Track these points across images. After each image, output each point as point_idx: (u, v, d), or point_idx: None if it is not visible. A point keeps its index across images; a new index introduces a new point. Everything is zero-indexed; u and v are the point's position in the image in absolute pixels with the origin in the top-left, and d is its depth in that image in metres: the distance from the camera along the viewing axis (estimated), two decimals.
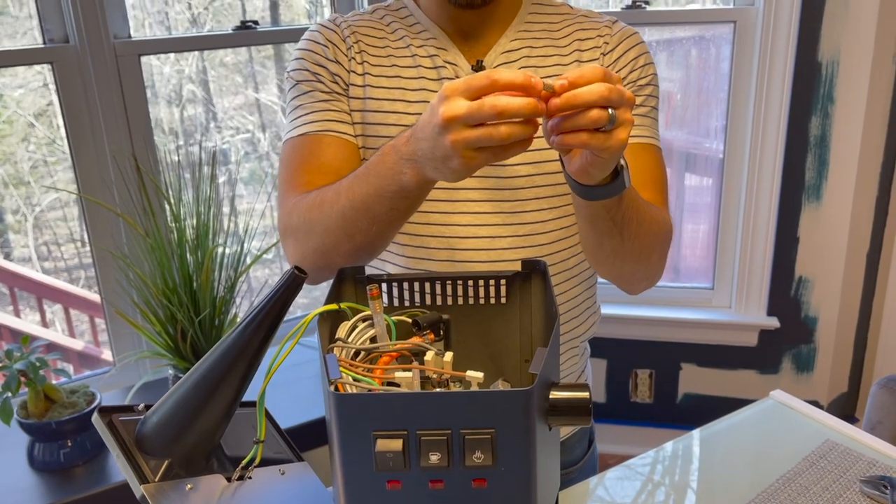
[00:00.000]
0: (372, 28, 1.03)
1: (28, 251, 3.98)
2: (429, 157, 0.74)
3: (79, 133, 1.64)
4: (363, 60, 1.01)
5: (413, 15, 1.04)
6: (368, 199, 0.84)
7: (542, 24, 1.04)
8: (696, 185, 2.49)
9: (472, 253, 1.00)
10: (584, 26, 1.04)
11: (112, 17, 1.64)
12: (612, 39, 1.03)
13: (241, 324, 0.65)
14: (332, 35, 1.01)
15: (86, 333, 3.53)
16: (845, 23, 1.95)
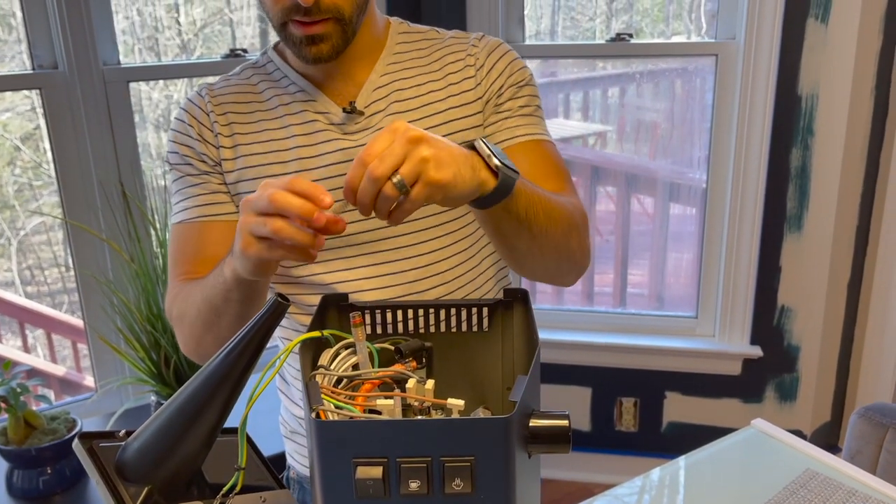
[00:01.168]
0: (240, 93, 1.02)
1: (11, 275, 3.95)
2: (237, 249, 0.77)
3: (65, 158, 1.65)
4: (232, 132, 1.00)
5: (280, 69, 1.02)
6: (209, 293, 0.88)
7: (411, 54, 1.03)
8: (679, 215, 2.52)
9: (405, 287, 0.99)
10: (452, 48, 1.04)
11: (101, 43, 1.65)
12: (481, 54, 1.03)
13: (224, 350, 0.65)
14: (197, 111, 1.00)
15: (68, 359, 3.50)
16: (824, 57, 2.00)
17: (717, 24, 2.11)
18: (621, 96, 2.55)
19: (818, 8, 1.97)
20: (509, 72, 1.02)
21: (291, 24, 0.91)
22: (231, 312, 0.87)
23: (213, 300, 0.87)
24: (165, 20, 2.78)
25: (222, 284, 0.84)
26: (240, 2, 2.83)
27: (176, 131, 1.01)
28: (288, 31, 0.92)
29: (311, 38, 0.91)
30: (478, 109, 1.01)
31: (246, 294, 0.85)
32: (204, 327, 0.91)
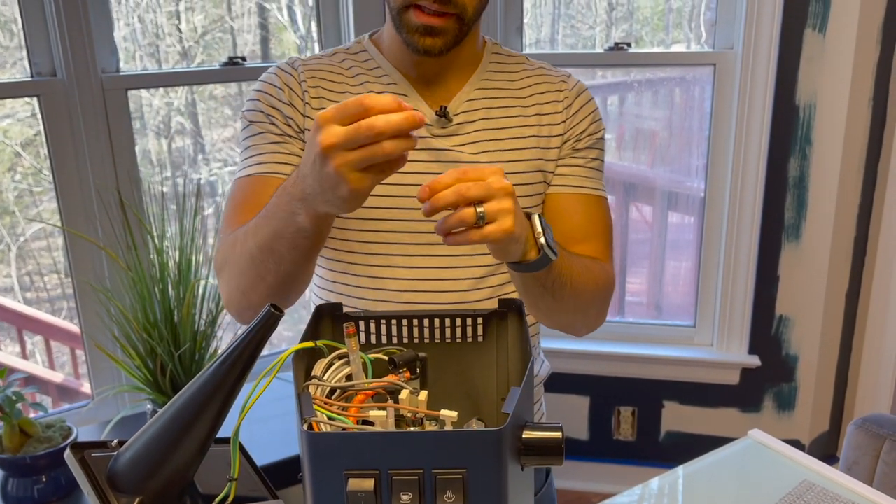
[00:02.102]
0: (331, 72, 1.03)
1: (10, 281, 3.95)
2: (318, 191, 0.74)
3: (63, 166, 1.65)
4: (322, 106, 1.00)
5: (374, 59, 1.04)
6: (271, 241, 0.85)
7: (503, 76, 1.06)
8: (678, 223, 2.52)
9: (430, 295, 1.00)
10: (542, 79, 1.07)
11: (100, 51, 1.65)
12: (571, 94, 1.06)
13: (217, 360, 0.65)
14: (289, 79, 1.02)
15: (66, 365, 3.49)
16: (822, 67, 2.00)
17: (716, 34, 2.12)
18: (620, 104, 2.55)
19: (816, 18, 1.97)
20: (592, 120, 1.07)
21: (414, 11, 0.92)
22: (294, 259, 0.85)
23: (276, 248, 0.85)
24: (166, 27, 2.79)
25: (294, 233, 0.82)
26: (241, 9, 2.84)
27: (264, 92, 1.01)
28: (407, 17, 0.93)
29: (429, 29, 0.93)
30: (557, 145, 1.05)
31: (318, 236, 0.84)
32: (257, 277, 0.89)
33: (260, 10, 2.74)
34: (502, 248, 0.77)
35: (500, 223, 0.73)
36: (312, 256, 0.87)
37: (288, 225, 0.82)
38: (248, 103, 1.03)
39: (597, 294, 0.96)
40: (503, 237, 0.73)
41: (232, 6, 2.80)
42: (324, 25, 2.04)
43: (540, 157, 1.03)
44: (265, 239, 0.85)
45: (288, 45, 3.03)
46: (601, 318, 1.02)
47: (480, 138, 1.01)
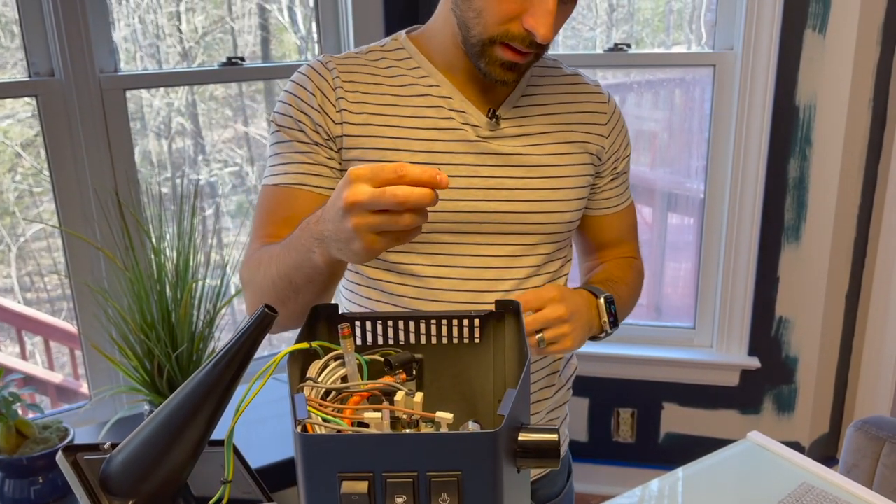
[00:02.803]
0: (368, 73, 1.00)
1: (10, 282, 3.95)
2: (333, 237, 0.76)
3: (61, 166, 1.64)
4: (363, 111, 0.98)
5: (413, 59, 1.01)
6: (289, 272, 0.87)
7: (546, 80, 1.07)
8: (677, 224, 2.52)
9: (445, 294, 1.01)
10: (580, 88, 1.09)
11: (98, 51, 1.65)
12: (609, 111, 1.10)
13: (211, 362, 0.64)
14: (322, 82, 0.98)
15: (66, 366, 3.49)
16: (822, 68, 2.00)
17: (715, 35, 2.11)
18: (621, 105, 2.55)
19: (816, 19, 1.97)
20: (627, 140, 1.14)
21: (501, 46, 0.92)
22: (312, 291, 0.88)
23: (294, 280, 0.88)
24: (167, 28, 2.79)
25: (310, 269, 0.85)
26: (241, 10, 2.84)
27: (294, 95, 0.99)
28: (492, 50, 0.93)
29: (513, 66, 0.93)
30: (598, 161, 1.08)
31: (333, 274, 0.87)
32: (279, 301, 0.91)
33: (260, 10, 2.74)
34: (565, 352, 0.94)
35: (560, 345, 0.91)
36: (329, 289, 0.91)
37: (304, 260, 0.84)
38: (279, 105, 1.01)
39: (637, 297, 1.13)
40: (564, 352, 0.93)
41: (232, 7, 2.80)
42: (323, 26, 2.04)
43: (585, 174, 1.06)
44: (285, 269, 0.88)
45: (288, 45, 3.03)
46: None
47: (526, 143, 1.02)
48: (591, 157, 1.06)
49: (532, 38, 0.89)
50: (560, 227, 1.04)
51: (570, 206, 1.04)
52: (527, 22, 0.89)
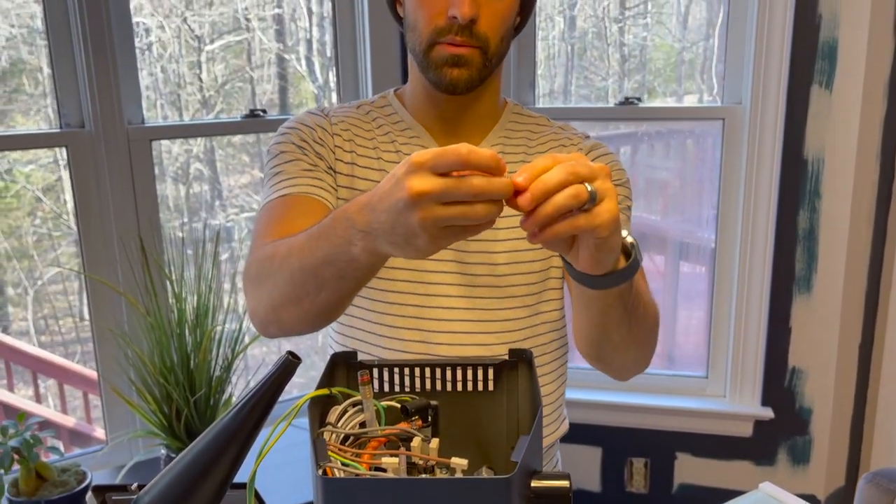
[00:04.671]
0: (358, 124, 1.08)
1: (26, 324, 3.99)
2: (387, 231, 0.68)
3: (87, 213, 1.70)
4: (352, 150, 1.05)
5: (398, 113, 1.09)
6: (317, 265, 0.79)
7: (521, 134, 1.10)
8: (689, 273, 2.53)
9: (445, 347, 1.03)
10: (560, 138, 1.11)
11: (127, 103, 1.72)
12: (585, 148, 1.10)
13: (236, 406, 0.67)
14: (321, 121, 1.06)
15: (78, 410, 3.50)
16: (829, 123, 2.04)
17: (724, 89, 2.16)
18: (633, 155, 2.59)
19: (822, 75, 2.02)
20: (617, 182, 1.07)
21: (439, 46, 0.97)
22: (339, 288, 0.81)
23: (321, 274, 0.80)
24: (188, 77, 2.87)
25: (346, 263, 0.76)
26: (260, 60, 2.92)
27: (295, 129, 1.04)
28: (434, 53, 0.98)
29: (455, 59, 0.96)
30: None
31: (369, 272, 0.79)
32: (294, 297, 0.84)
33: (279, 60, 2.81)
34: (605, 246, 0.69)
35: (609, 204, 0.65)
36: (355, 291, 0.83)
37: (341, 252, 0.76)
38: (278, 138, 1.05)
39: (656, 317, 0.94)
40: (612, 220, 0.66)
41: (252, 57, 2.88)
42: (342, 76, 2.10)
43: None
44: (311, 262, 0.80)
45: (306, 94, 3.11)
46: (653, 351, 0.99)
47: None
48: None
49: (456, 22, 0.94)
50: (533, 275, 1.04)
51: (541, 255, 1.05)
52: (449, 11, 0.94)
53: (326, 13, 2.30)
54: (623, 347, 0.91)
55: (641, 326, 0.89)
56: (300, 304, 0.85)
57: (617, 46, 2.48)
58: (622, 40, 2.48)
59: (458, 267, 1.01)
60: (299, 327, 0.90)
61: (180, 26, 2.69)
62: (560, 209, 0.63)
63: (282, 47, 2.76)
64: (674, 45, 2.48)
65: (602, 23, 2.47)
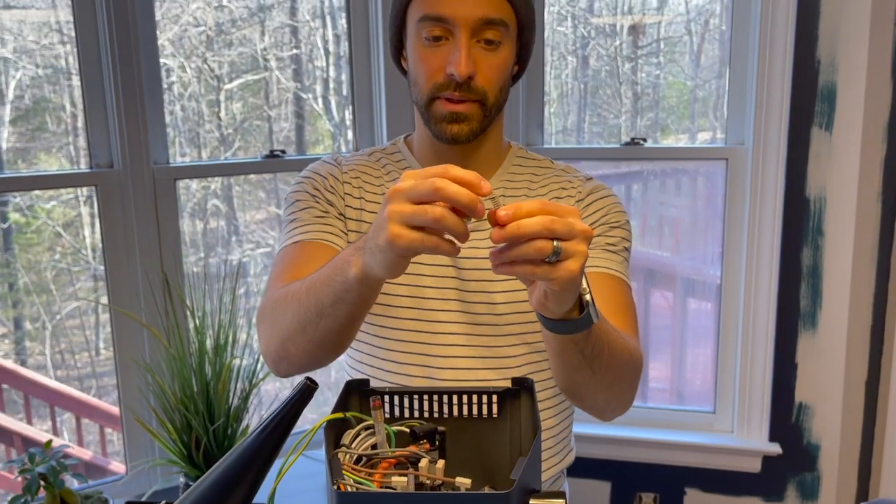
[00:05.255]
0: (368, 171, 1.15)
1: (44, 359, 4.05)
2: (371, 237, 0.76)
3: (114, 249, 1.77)
4: (360, 196, 1.12)
5: (406, 160, 1.16)
6: (318, 288, 0.88)
7: (524, 176, 1.16)
8: (696, 310, 2.57)
9: (448, 382, 1.08)
10: (562, 179, 1.16)
11: (153, 144, 1.81)
12: (585, 189, 1.14)
13: (257, 428, 0.73)
14: (333, 170, 1.14)
15: (93, 444, 3.55)
16: (829, 163, 2.10)
17: (727, 130, 2.23)
18: (644, 192, 2.66)
19: (822, 117, 2.08)
20: (606, 211, 1.13)
21: (439, 101, 1.03)
22: (335, 315, 0.87)
23: (320, 299, 0.87)
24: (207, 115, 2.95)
25: (340, 284, 0.84)
26: (278, 99, 3.01)
27: (309, 178, 1.12)
28: (434, 108, 1.04)
29: (455, 116, 1.03)
30: None
31: (361, 297, 0.85)
32: (299, 326, 0.91)
33: (296, 99, 2.89)
34: (555, 297, 0.74)
35: (571, 264, 0.71)
36: (352, 319, 0.89)
37: (337, 274, 0.84)
38: (294, 186, 1.14)
39: (629, 366, 0.97)
40: (568, 280, 0.71)
41: (270, 95, 2.97)
42: (357, 114, 2.19)
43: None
44: (313, 286, 0.88)
45: (322, 132, 3.19)
46: (631, 397, 1.03)
47: None
48: None
49: (454, 79, 1.00)
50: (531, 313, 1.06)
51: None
52: (447, 69, 1.01)
53: (343, 53, 2.38)
54: (589, 389, 0.95)
55: (606, 373, 0.92)
56: (304, 333, 0.92)
57: (630, 84, 2.55)
58: (635, 79, 2.54)
59: (460, 306, 1.07)
60: (306, 360, 0.96)
61: (200, 66, 2.78)
62: (522, 256, 0.70)
63: (299, 86, 2.84)
64: (686, 83, 2.55)
65: (615, 61, 2.54)
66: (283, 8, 2.62)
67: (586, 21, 2.52)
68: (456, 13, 0.99)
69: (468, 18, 1.00)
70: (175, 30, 2.57)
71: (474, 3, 1.00)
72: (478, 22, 1.00)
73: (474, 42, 1.01)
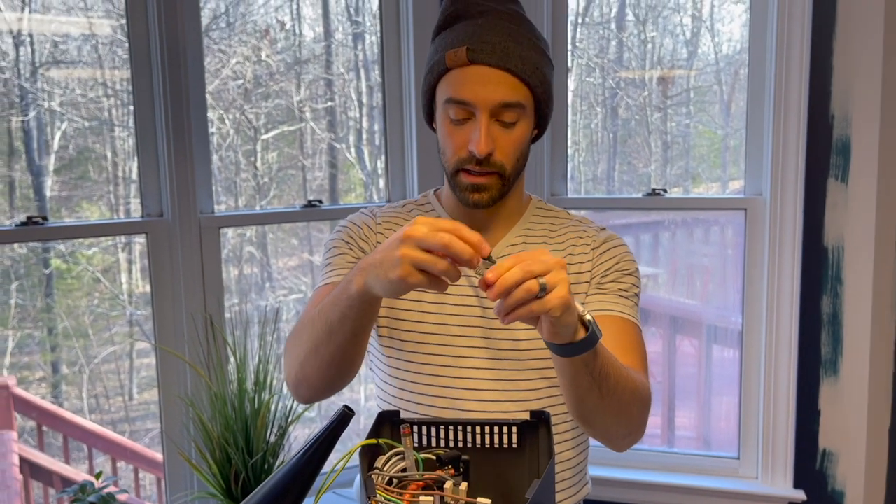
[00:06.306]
0: (401, 219, 1.26)
1: (80, 403, 4.16)
2: (376, 264, 0.90)
3: (161, 293, 1.89)
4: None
5: (435, 210, 1.27)
6: (327, 311, 1.01)
7: (543, 226, 1.26)
8: (721, 354, 2.61)
9: (473, 414, 1.16)
10: (578, 230, 1.26)
11: (200, 194, 1.93)
12: (599, 238, 1.25)
13: (299, 452, 0.82)
14: (368, 220, 1.26)
15: (127, 487, 3.62)
16: (846, 214, 2.15)
17: (745, 181, 2.30)
18: (672, 239, 2.72)
19: (837, 169, 2.15)
20: (619, 259, 1.23)
21: (463, 173, 1.15)
22: (343, 331, 1.00)
23: (330, 318, 1.00)
24: (243, 164, 3.08)
25: (345, 301, 0.97)
26: (312, 149, 3.14)
27: (346, 228, 1.25)
28: (459, 178, 1.16)
29: (476, 187, 1.15)
30: (585, 280, 1.22)
31: (362, 311, 0.98)
32: (313, 347, 1.04)
33: (330, 149, 3.01)
34: (559, 323, 0.87)
35: (559, 291, 0.84)
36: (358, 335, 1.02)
37: (343, 292, 0.98)
38: (333, 235, 1.27)
39: (636, 395, 1.06)
40: (561, 304, 0.84)
41: (304, 145, 3.09)
42: (390, 164, 2.29)
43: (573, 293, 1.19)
44: (324, 310, 1.01)
45: (355, 181, 3.31)
46: (642, 425, 1.11)
47: None
48: (574, 283, 1.20)
49: (475, 156, 1.11)
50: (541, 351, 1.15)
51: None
52: (469, 146, 1.12)
53: (376, 104, 2.50)
54: (599, 413, 1.04)
55: (613, 396, 1.01)
56: (318, 353, 1.05)
57: (659, 134, 2.62)
58: (664, 128, 2.61)
59: (485, 343, 1.16)
60: (320, 381, 1.08)
61: (238, 118, 2.91)
62: (517, 301, 0.84)
63: (333, 136, 2.96)
64: (717, 132, 2.62)
65: (644, 111, 2.62)
66: (320, 61, 2.76)
67: (615, 72, 2.61)
68: (477, 98, 1.11)
69: (488, 102, 1.11)
70: (216, 83, 2.73)
71: (493, 88, 1.10)
72: (496, 105, 1.11)
73: (494, 121, 1.12)
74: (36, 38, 2.54)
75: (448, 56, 1.12)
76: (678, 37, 2.61)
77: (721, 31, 2.55)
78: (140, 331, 3.89)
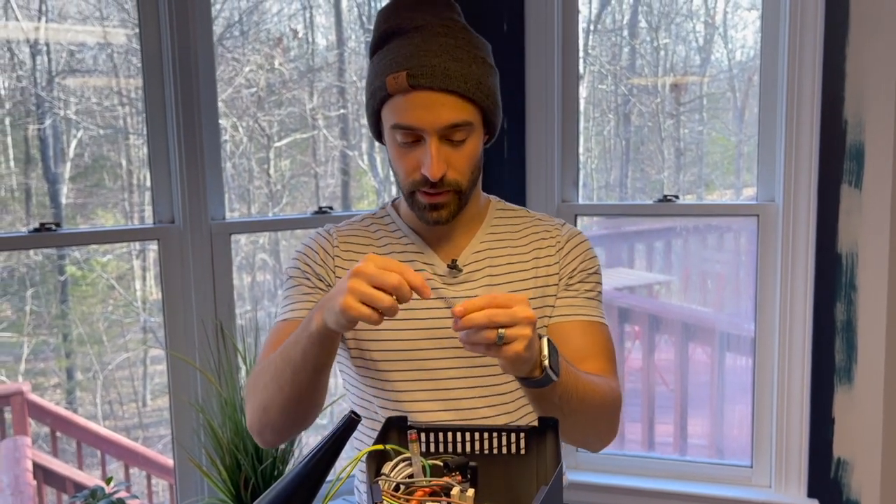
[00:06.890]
0: (360, 236, 1.26)
1: (94, 409, 4.18)
2: (330, 298, 0.94)
3: (172, 299, 1.90)
4: (350, 259, 1.22)
5: (395, 223, 1.26)
6: (289, 349, 1.03)
7: (505, 228, 1.26)
8: (733, 364, 2.59)
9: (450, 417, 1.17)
10: (540, 228, 1.27)
11: (211, 201, 1.95)
12: (563, 238, 1.25)
13: (307, 456, 0.82)
14: (325, 243, 1.25)
15: (139, 493, 3.64)
16: (860, 220, 2.13)
17: (758, 187, 2.29)
18: (685, 245, 2.70)
19: (851, 175, 2.13)
20: (583, 258, 1.25)
21: (419, 193, 1.15)
22: (305, 368, 1.02)
23: (292, 356, 1.03)
24: (257, 172, 3.10)
25: (306, 338, 1.00)
26: (325, 156, 3.15)
27: (302, 253, 1.25)
28: (416, 198, 1.16)
29: (433, 206, 1.15)
30: (554, 282, 1.23)
31: (323, 347, 1.01)
32: (277, 387, 1.05)
33: (342, 156, 3.02)
34: (515, 368, 0.94)
35: (514, 346, 0.89)
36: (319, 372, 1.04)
37: (304, 330, 1.01)
38: (291, 262, 1.27)
39: (603, 409, 1.10)
40: (513, 359, 0.91)
41: (317, 153, 3.11)
42: None
43: (541, 296, 1.21)
44: (286, 349, 1.04)
45: (366, 188, 3.31)
46: (611, 432, 1.15)
47: (486, 283, 1.20)
48: (542, 286, 1.22)
49: (427, 179, 1.11)
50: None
51: None
52: (422, 170, 1.12)
53: None
54: (565, 428, 1.04)
55: (579, 413, 1.05)
56: (282, 392, 1.06)
57: (672, 140, 2.61)
58: (677, 135, 2.60)
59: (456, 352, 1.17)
60: (285, 422, 1.09)
61: (251, 125, 2.93)
62: (474, 342, 0.90)
63: (345, 144, 2.97)
64: (730, 139, 2.60)
65: (656, 118, 2.61)
66: (332, 69, 2.77)
67: (627, 79, 2.61)
68: (423, 123, 1.10)
69: (435, 125, 1.10)
70: (229, 91, 2.74)
71: (439, 112, 1.09)
72: (444, 127, 1.10)
73: (443, 141, 1.12)
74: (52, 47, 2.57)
75: (388, 82, 1.10)
76: (691, 43, 2.60)
77: (734, 38, 2.54)
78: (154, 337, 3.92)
